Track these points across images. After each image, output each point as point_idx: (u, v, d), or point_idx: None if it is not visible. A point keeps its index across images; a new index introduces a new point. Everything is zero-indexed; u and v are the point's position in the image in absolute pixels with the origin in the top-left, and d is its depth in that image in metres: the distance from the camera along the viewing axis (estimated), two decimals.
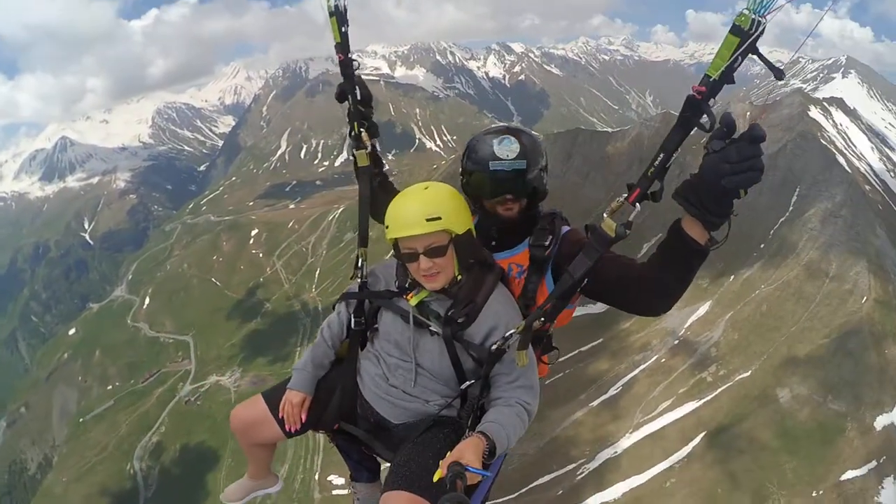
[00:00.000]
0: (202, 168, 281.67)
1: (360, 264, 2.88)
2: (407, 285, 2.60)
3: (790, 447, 35.99)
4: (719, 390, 42.34)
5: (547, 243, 2.64)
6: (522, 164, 2.54)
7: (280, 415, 2.76)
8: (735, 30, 1.79)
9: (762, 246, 52.45)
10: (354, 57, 2.95)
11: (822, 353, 40.46)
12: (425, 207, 2.36)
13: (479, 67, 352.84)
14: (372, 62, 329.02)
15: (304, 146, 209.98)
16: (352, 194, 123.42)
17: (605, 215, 2.23)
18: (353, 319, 2.82)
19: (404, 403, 2.60)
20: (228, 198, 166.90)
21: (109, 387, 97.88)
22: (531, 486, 41.98)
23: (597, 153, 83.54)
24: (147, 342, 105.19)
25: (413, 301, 2.53)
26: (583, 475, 41.32)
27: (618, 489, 38.88)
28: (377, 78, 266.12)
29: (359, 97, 2.98)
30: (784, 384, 39.74)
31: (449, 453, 2.00)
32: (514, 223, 2.71)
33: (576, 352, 52.24)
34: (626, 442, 42.60)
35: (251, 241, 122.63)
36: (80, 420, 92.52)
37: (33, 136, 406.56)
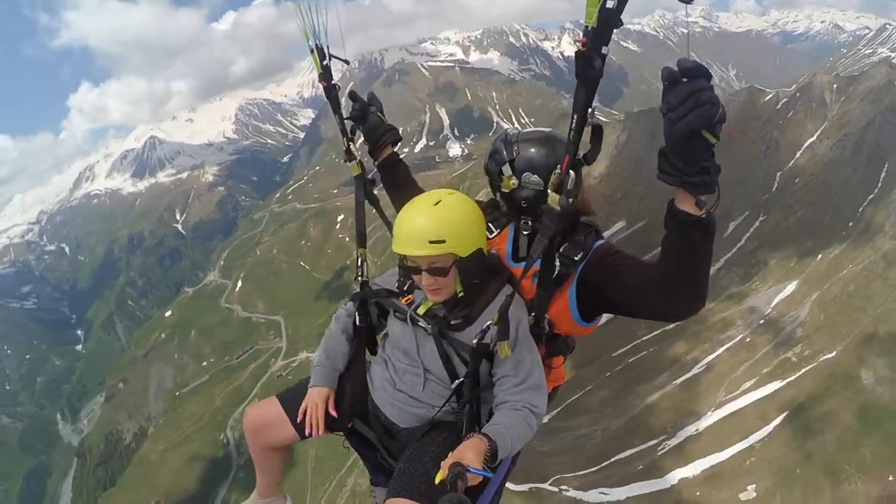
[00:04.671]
0: (285, 159, 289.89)
1: (360, 264, 3.03)
2: (405, 288, 2.63)
3: (871, 429, 34.97)
4: (803, 371, 41.51)
5: (577, 258, 2.48)
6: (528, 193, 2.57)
7: (299, 418, 2.66)
8: None
9: (850, 224, 51.31)
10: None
11: None
12: (430, 228, 2.30)
13: (553, 48, 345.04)
14: (446, 49, 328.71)
15: None
16: (433, 179, 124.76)
17: (548, 191, 2.20)
18: (357, 317, 2.85)
19: (411, 409, 2.58)
20: (313, 186, 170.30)
21: (204, 363, 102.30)
22: (612, 459, 41.79)
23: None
24: (240, 322, 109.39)
25: (421, 310, 2.51)
26: (663, 451, 40.98)
27: (697, 466, 38.46)
28: (452, 64, 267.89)
29: (346, 116, 3.11)
30: (868, 365, 38.65)
31: (450, 454, 1.99)
32: (536, 234, 2.50)
33: (659, 331, 51.86)
34: (707, 420, 42.18)
35: (337, 227, 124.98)
36: (177, 394, 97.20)
37: (122, 137, 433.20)
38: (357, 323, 2.85)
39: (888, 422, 34.92)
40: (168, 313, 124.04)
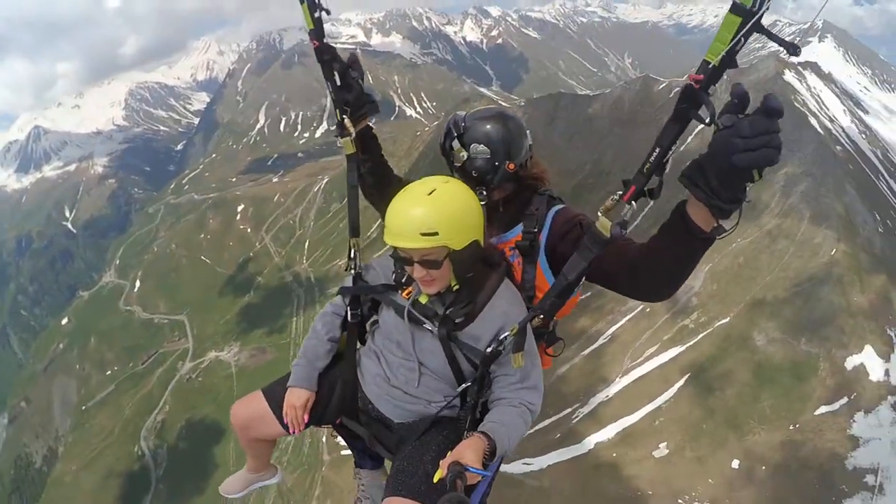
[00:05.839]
0: (179, 147, 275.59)
1: (353, 255, 2.87)
2: (404, 280, 2.55)
3: (768, 386, 38.30)
4: (700, 336, 44.52)
5: (535, 230, 2.59)
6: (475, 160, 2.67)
7: (285, 419, 2.70)
8: (736, 8, 1.62)
9: None
10: (329, 42, 2.82)
11: (795, 299, 42.72)
12: (423, 219, 2.21)
13: (456, 32, 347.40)
14: (347, 31, 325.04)
15: (283, 119, 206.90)
16: (335, 165, 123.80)
17: (599, 214, 2.12)
18: (349, 312, 2.80)
19: (406, 405, 2.56)
20: (210, 175, 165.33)
21: (108, 372, 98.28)
22: (531, 431, 42.99)
23: (579, 116, 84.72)
24: (142, 325, 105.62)
25: (423, 300, 2.46)
26: (578, 418, 43.33)
27: (611, 430, 40.94)
28: (353, 46, 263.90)
29: (339, 83, 2.85)
30: (760, 329, 42.10)
31: (449, 453, 1.99)
32: (499, 206, 2.76)
33: None
34: (616, 386, 44.76)
35: (238, 217, 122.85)
36: (83, 408, 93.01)
37: (5, 128, 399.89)
38: (349, 319, 2.82)
39: (782, 377, 38.23)
40: (64, 321, 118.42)
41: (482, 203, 2.57)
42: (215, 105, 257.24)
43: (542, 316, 2.43)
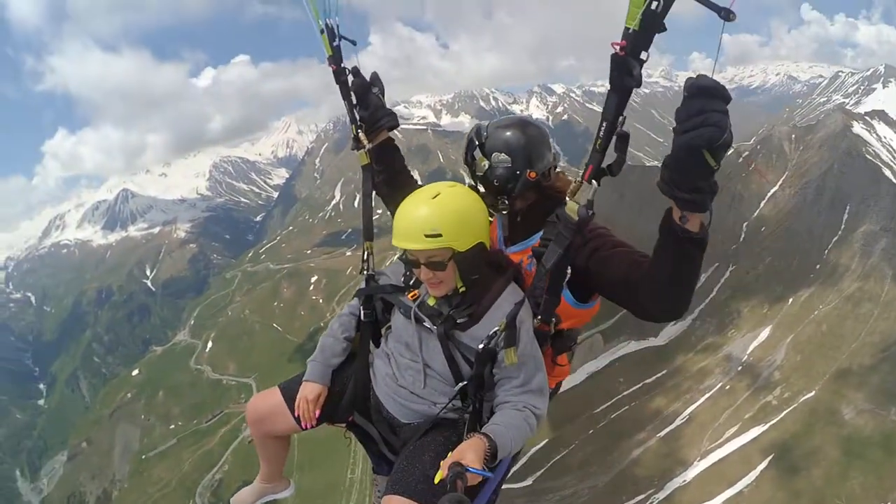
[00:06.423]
0: (258, 218, 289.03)
1: (366, 258, 2.99)
2: (412, 283, 2.61)
3: (857, 462, 36.37)
4: (784, 412, 42.75)
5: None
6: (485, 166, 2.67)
7: (296, 412, 2.74)
8: None
9: (818, 267, 52.90)
10: (346, 65, 3.03)
11: (883, 365, 41.11)
12: (427, 221, 2.28)
13: (522, 110, 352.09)
14: (418, 112, 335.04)
15: (358, 196, 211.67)
16: None
17: (567, 199, 2.22)
18: (362, 312, 2.85)
19: (411, 405, 2.58)
20: (286, 247, 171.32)
21: (172, 426, 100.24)
22: None
23: (648, 187, 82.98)
24: (210, 384, 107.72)
25: (430, 302, 2.51)
26: None
27: None
28: (424, 127, 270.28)
29: (354, 101, 3.03)
30: (848, 400, 40.40)
31: (450, 454, 2.00)
32: (520, 215, 2.81)
33: (640, 385, 52.62)
34: (694, 470, 42.82)
35: (311, 288, 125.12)
36: (143, 457, 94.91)
37: (94, 187, 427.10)
38: (362, 318, 2.85)
39: (873, 451, 36.49)
40: (135, 372, 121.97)
41: (503, 212, 2.75)
42: (294, 180, 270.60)
43: (539, 317, 2.48)
